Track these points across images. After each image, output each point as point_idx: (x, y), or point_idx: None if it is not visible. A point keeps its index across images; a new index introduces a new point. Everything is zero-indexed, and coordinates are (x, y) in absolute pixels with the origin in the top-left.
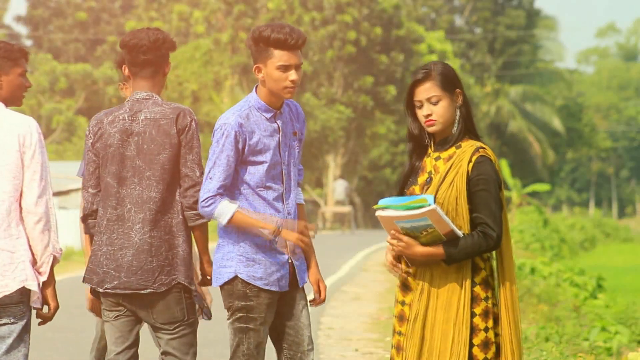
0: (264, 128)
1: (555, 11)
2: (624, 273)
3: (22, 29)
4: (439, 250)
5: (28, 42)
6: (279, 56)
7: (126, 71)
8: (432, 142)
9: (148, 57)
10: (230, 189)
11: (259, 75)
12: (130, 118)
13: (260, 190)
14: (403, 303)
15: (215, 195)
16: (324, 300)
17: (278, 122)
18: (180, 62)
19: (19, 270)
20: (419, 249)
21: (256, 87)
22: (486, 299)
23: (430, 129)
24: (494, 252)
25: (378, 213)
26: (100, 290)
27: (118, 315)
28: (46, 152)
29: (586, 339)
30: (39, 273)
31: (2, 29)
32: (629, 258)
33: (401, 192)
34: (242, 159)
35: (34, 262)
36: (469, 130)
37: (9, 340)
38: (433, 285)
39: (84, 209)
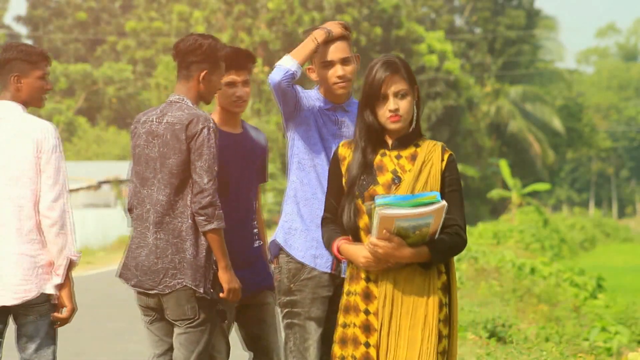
0: (322, 113)
1: (555, 11)
2: (624, 273)
3: (22, 29)
4: (424, 251)
5: (28, 42)
6: (321, 53)
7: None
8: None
9: (179, 60)
10: (290, 157)
11: (311, 75)
12: (157, 120)
13: (314, 162)
14: (367, 312)
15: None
16: None
17: (338, 115)
18: None
19: (38, 274)
20: (408, 251)
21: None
22: (446, 304)
23: (393, 126)
24: None
25: (382, 212)
26: (128, 285)
27: (152, 321)
28: (63, 157)
29: (586, 339)
30: (56, 275)
31: (2, 29)
32: (629, 258)
33: (352, 191)
34: (295, 126)
35: (50, 264)
36: (419, 128)
37: (37, 340)
38: (397, 290)
39: (127, 202)
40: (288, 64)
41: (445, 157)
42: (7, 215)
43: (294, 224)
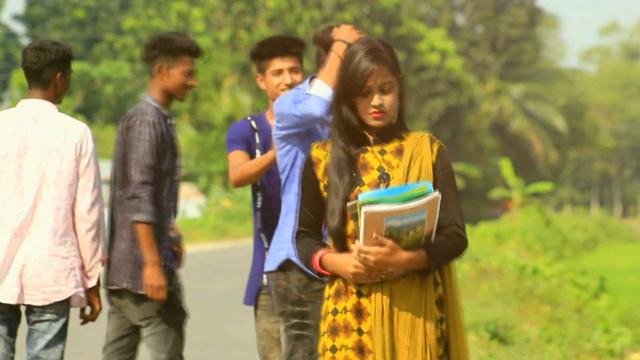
0: None
1: (557, 9)
2: (627, 274)
3: (19, 28)
4: (421, 255)
5: (25, 41)
6: None
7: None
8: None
9: (144, 59)
10: (293, 168)
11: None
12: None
13: None
14: (360, 332)
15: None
16: None
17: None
18: None
19: (71, 276)
20: (404, 255)
21: (311, 78)
22: (441, 320)
23: (376, 123)
24: None
25: (369, 209)
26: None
27: (112, 312)
28: (98, 160)
29: (589, 340)
30: (87, 277)
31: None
32: (631, 258)
33: (336, 195)
34: (300, 136)
35: (82, 267)
36: (403, 120)
37: (49, 336)
38: (393, 304)
39: None
40: (325, 93)
41: (435, 148)
42: (43, 216)
43: None
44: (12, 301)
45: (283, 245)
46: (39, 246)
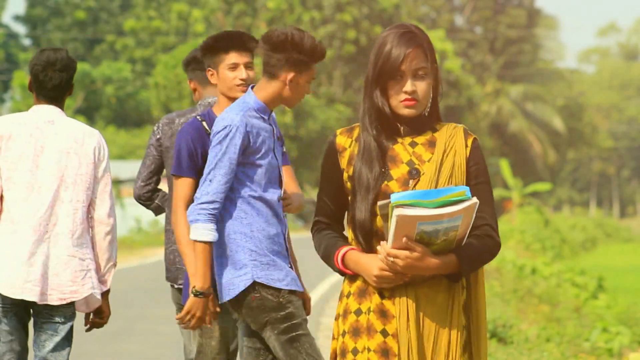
0: (264, 129)
1: (555, 10)
2: (625, 273)
3: (20, 28)
4: (451, 260)
5: (26, 41)
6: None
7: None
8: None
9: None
10: (231, 192)
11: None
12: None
13: (262, 193)
14: (385, 333)
15: (211, 202)
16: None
17: (272, 124)
18: (180, 61)
19: (87, 277)
20: (433, 261)
21: (252, 87)
22: (465, 328)
23: (407, 111)
24: None
25: (401, 212)
26: (175, 286)
27: None
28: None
29: (587, 340)
30: (101, 282)
31: (1, 28)
32: (630, 258)
33: (363, 188)
34: (244, 161)
35: (97, 270)
36: (437, 111)
37: (57, 338)
38: (419, 309)
39: (135, 196)
40: (191, 237)
41: (469, 142)
42: (61, 216)
43: (263, 258)
44: (34, 299)
45: (240, 273)
46: (57, 246)
